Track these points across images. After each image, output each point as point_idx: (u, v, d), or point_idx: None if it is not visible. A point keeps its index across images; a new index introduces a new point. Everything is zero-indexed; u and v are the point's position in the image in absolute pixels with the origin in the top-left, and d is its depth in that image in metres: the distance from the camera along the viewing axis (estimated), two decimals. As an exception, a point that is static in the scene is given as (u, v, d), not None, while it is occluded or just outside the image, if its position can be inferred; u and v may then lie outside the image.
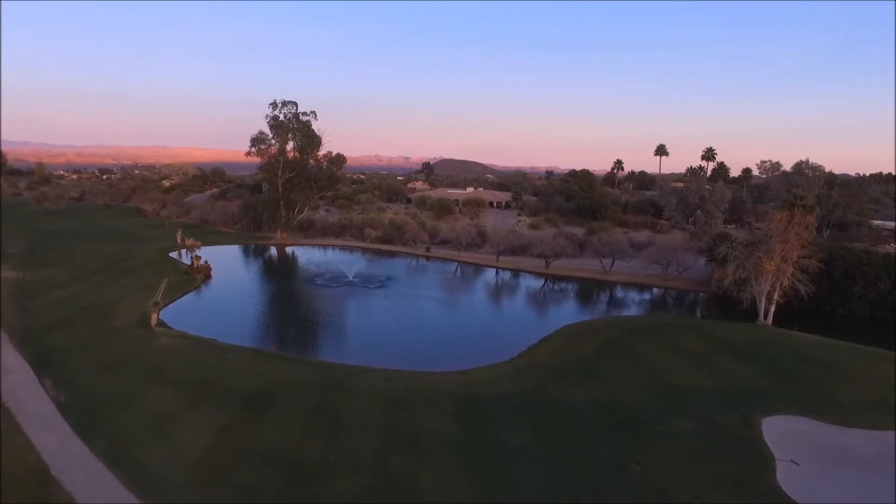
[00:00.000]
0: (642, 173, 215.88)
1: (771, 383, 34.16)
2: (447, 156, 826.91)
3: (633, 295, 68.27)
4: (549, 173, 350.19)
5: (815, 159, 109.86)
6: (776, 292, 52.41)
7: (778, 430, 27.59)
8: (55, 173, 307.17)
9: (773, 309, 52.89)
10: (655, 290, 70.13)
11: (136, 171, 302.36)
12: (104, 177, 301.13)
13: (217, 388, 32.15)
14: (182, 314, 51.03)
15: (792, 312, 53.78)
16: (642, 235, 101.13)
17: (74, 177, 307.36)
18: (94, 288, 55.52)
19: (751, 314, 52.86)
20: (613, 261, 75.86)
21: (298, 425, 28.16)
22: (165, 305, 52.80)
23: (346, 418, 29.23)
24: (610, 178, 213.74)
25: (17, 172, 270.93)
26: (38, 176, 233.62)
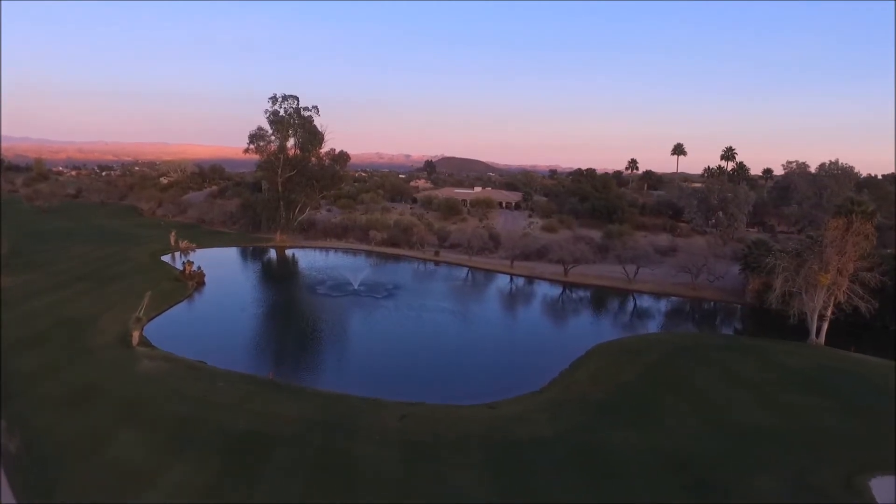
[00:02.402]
0: (648, 172, 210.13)
1: (859, 425, 28.90)
2: (448, 154, 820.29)
3: (661, 306, 63.05)
4: (553, 172, 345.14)
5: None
6: (830, 308, 47.22)
7: (893, 494, 22.37)
8: (54, 169, 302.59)
9: (825, 326, 47.68)
10: (684, 300, 64.87)
11: (137, 168, 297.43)
12: (103, 173, 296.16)
13: (202, 431, 26.92)
14: (169, 329, 45.91)
15: (839, 328, 48.47)
16: (662, 239, 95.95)
17: (73, 173, 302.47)
18: (74, 297, 50.33)
19: (796, 331, 47.63)
20: (638, 268, 70.61)
21: (298, 484, 22.93)
22: (153, 318, 47.72)
23: (357, 473, 24.03)
24: (617, 177, 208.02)
25: (15, 169, 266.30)
26: (37, 172, 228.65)
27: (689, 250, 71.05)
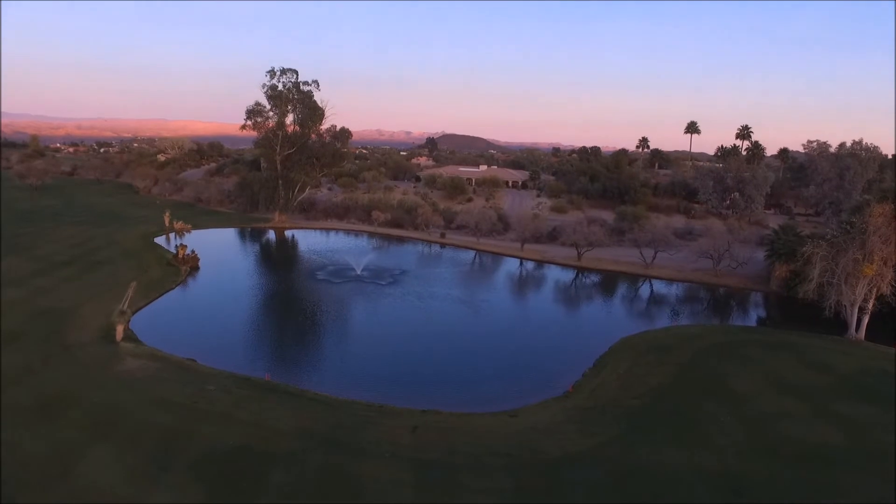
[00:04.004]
0: (657, 151, 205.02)
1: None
2: (449, 131, 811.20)
3: (682, 293, 59.60)
4: (556, 150, 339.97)
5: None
6: (871, 301, 43.77)
7: None
8: (52, 146, 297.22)
9: (866, 320, 44.27)
10: (705, 287, 61.40)
11: (136, 145, 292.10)
12: (101, 150, 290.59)
13: (188, 448, 23.57)
14: (158, 321, 42.56)
15: (873, 321, 44.89)
16: (677, 221, 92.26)
17: (71, 150, 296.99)
18: (55, 286, 46.78)
19: (829, 322, 44.31)
20: (655, 252, 67.01)
21: (298, 519, 19.67)
22: (141, 307, 44.45)
23: (364, 502, 20.72)
24: (623, 156, 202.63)
25: (12, 145, 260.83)
26: (33, 149, 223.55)
27: (710, 234, 67.15)
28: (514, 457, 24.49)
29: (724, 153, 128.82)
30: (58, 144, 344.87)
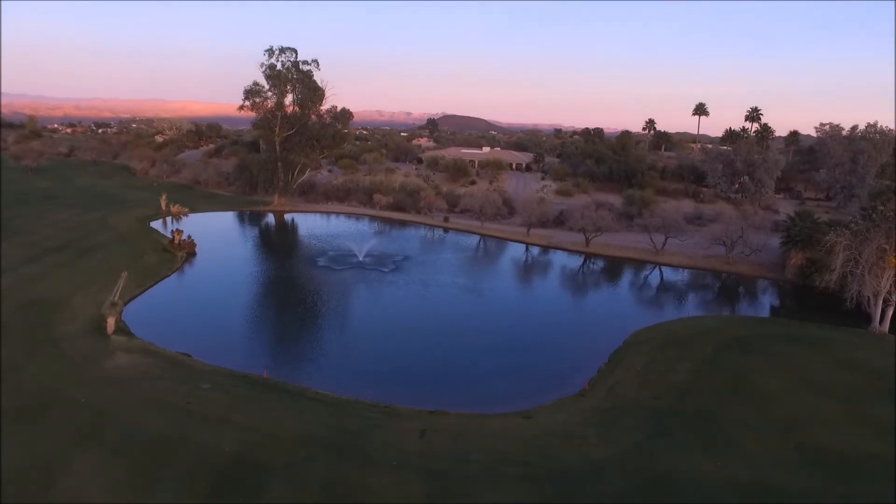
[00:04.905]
0: (660, 133, 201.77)
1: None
2: (450, 111, 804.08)
3: (694, 281, 57.75)
4: (558, 131, 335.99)
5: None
6: (896, 292, 41.92)
7: None
8: (50, 126, 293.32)
9: (891, 312, 42.44)
10: (717, 275, 59.54)
11: (134, 125, 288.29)
12: (99, 131, 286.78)
13: (180, 457, 21.81)
14: (152, 310, 40.80)
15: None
16: (685, 206, 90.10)
17: (68, 130, 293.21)
18: (45, 273, 44.88)
19: (848, 313, 42.64)
20: (666, 238, 65.04)
21: (299, 540, 17.96)
22: (135, 296, 42.71)
23: (372, 520, 19.02)
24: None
25: (9, 126, 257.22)
26: (29, 129, 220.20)
27: (722, 220, 65.18)
28: (531, 465, 22.75)
29: (732, 136, 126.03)
30: (56, 125, 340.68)
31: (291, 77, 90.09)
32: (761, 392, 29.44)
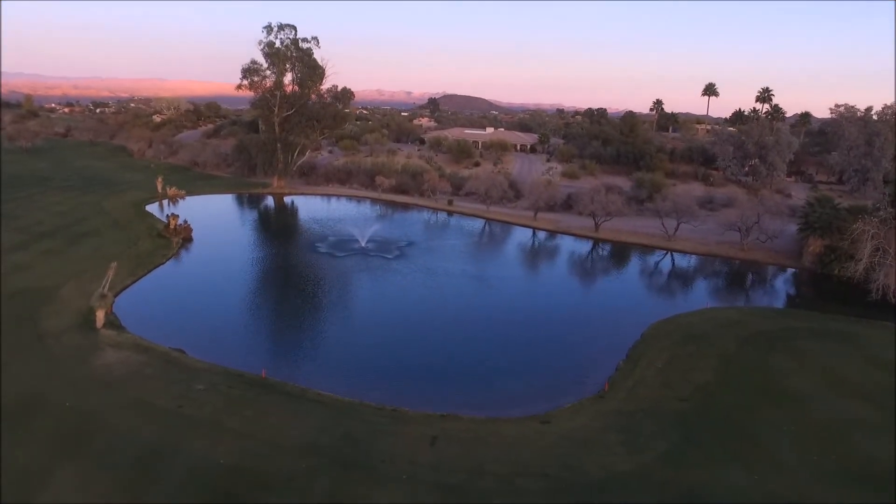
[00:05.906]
0: (664, 113, 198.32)
1: None
2: (450, 91, 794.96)
3: (708, 269, 55.75)
4: (560, 111, 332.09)
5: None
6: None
7: None
8: (47, 106, 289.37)
9: (920, 304, 40.64)
10: (732, 262, 57.55)
11: (132, 105, 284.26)
12: (97, 110, 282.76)
13: (170, 470, 20.08)
14: (145, 303, 38.78)
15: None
16: (695, 189, 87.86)
17: (66, 110, 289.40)
18: (34, 261, 42.95)
19: (870, 303, 41.02)
20: (678, 224, 62.95)
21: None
22: (127, 286, 40.79)
23: (381, 545, 17.29)
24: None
25: (6, 105, 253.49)
26: (26, 109, 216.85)
27: (737, 205, 63.04)
28: (552, 478, 21.02)
29: (741, 117, 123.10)
30: (53, 105, 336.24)
31: (291, 55, 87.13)
32: (791, 393, 27.67)
